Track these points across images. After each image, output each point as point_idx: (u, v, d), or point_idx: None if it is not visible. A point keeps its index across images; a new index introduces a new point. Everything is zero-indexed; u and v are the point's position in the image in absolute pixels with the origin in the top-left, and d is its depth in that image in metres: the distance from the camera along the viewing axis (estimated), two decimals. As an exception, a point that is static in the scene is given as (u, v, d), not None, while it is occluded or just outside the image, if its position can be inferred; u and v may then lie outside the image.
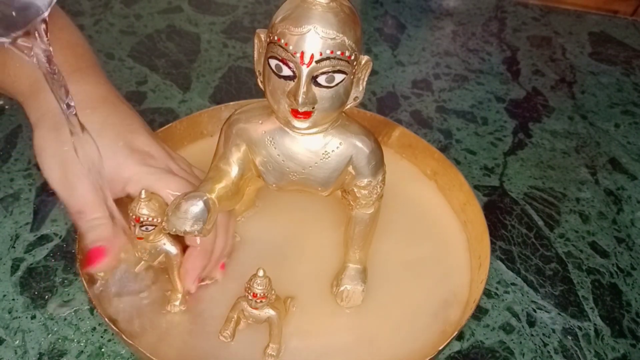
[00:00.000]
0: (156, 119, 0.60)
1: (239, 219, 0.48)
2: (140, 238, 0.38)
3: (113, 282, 0.40)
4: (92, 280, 0.40)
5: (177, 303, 0.41)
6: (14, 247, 0.47)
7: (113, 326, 0.36)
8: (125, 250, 0.39)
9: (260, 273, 0.35)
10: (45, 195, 0.51)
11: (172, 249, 0.39)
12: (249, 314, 0.37)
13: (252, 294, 0.36)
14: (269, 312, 0.37)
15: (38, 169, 0.53)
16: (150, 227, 0.37)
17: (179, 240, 0.40)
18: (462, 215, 0.50)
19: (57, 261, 0.46)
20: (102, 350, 0.40)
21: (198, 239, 0.39)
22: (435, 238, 0.49)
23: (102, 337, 0.41)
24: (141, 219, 0.36)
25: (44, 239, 0.47)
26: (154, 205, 0.37)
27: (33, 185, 0.52)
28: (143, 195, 0.36)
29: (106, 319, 0.37)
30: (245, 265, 0.44)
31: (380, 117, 0.56)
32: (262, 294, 0.36)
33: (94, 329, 0.42)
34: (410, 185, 0.53)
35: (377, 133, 0.53)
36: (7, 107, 0.61)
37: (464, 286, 0.45)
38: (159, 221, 0.37)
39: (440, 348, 0.38)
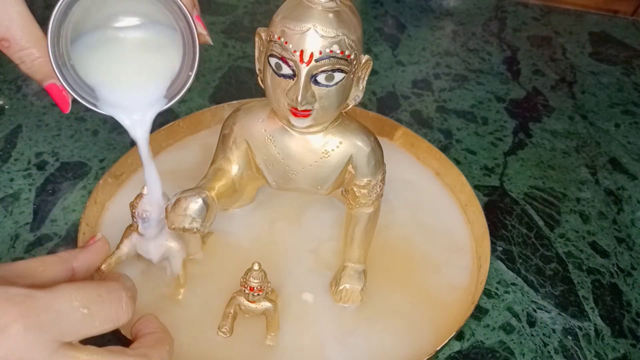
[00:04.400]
0: (156, 119, 0.60)
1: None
2: (142, 235, 0.38)
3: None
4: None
5: (180, 297, 0.41)
6: (14, 247, 0.47)
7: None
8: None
9: (256, 267, 0.36)
10: (46, 195, 0.51)
11: (174, 245, 0.39)
12: (246, 308, 0.38)
13: (248, 287, 0.36)
14: (266, 304, 0.37)
15: (38, 169, 0.54)
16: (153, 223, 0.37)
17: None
18: (464, 215, 0.50)
19: (56, 261, 0.46)
20: (102, 349, 0.40)
21: None
22: (435, 237, 0.48)
23: (102, 337, 0.41)
24: (144, 215, 0.36)
25: (43, 239, 0.47)
26: None
27: (33, 185, 0.52)
28: (145, 191, 0.36)
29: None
30: (241, 261, 0.44)
31: (383, 117, 0.56)
32: (258, 287, 0.36)
33: (94, 328, 0.41)
34: (414, 182, 0.53)
35: (379, 133, 0.54)
36: (7, 107, 0.61)
37: (464, 286, 0.45)
38: (161, 217, 0.37)
39: (438, 348, 0.38)
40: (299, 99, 0.32)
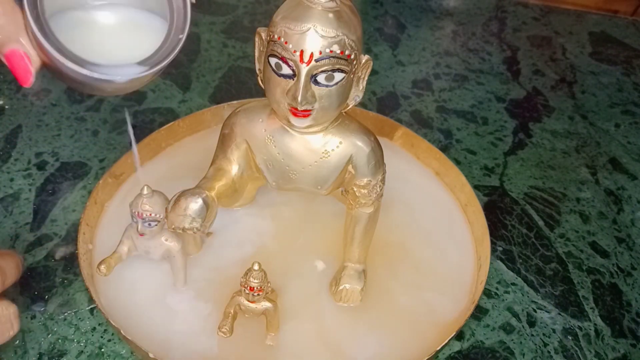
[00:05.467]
0: (156, 119, 0.60)
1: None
2: (142, 235, 0.38)
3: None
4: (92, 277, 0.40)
5: (180, 298, 0.41)
6: (14, 247, 0.47)
7: (112, 322, 0.36)
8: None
9: (256, 267, 0.36)
10: (46, 195, 0.51)
11: (174, 244, 0.39)
12: (246, 308, 0.37)
13: (248, 287, 0.36)
14: (266, 304, 0.37)
15: (38, 169, 0.54)
16: (153, 223, 0.37)
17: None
18: (464, 215, 0.50)
19: (57, 261, 0.46)
20: (102, 350, 0.40)
21: None
22: (435, 237, 0.48)
23: (102, 337, 0.41)
24: (143, 215, 0.36)
25: (43, 239, 0.47)
26: (156, 201, 0.37)
27: (33, 185, 0.52)
28: (145, 192, 0.36)
29: (105, 314, 0.37)
30: (241, 261, 0.44)
31: (383, 117, 0.56)
32: (258, 287, 0.36)
33: (94, 329, 0.41)
34: (414, 182, 0.53)
35: (379, 133, 0.54)
36: (7, 107, 0.61)
37: (464, 286, 0.45)
38: (161, 217, 0.37)
39: (438, 348, 0.38)
40: (299, 99, 0.32)
